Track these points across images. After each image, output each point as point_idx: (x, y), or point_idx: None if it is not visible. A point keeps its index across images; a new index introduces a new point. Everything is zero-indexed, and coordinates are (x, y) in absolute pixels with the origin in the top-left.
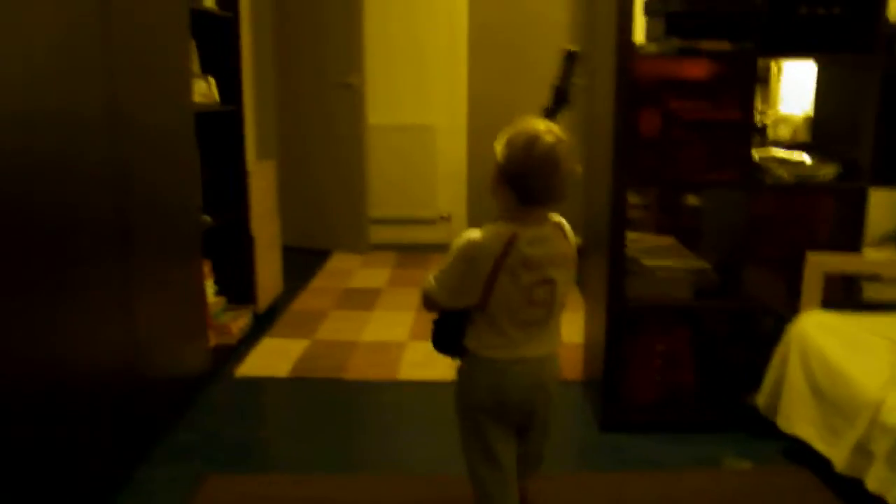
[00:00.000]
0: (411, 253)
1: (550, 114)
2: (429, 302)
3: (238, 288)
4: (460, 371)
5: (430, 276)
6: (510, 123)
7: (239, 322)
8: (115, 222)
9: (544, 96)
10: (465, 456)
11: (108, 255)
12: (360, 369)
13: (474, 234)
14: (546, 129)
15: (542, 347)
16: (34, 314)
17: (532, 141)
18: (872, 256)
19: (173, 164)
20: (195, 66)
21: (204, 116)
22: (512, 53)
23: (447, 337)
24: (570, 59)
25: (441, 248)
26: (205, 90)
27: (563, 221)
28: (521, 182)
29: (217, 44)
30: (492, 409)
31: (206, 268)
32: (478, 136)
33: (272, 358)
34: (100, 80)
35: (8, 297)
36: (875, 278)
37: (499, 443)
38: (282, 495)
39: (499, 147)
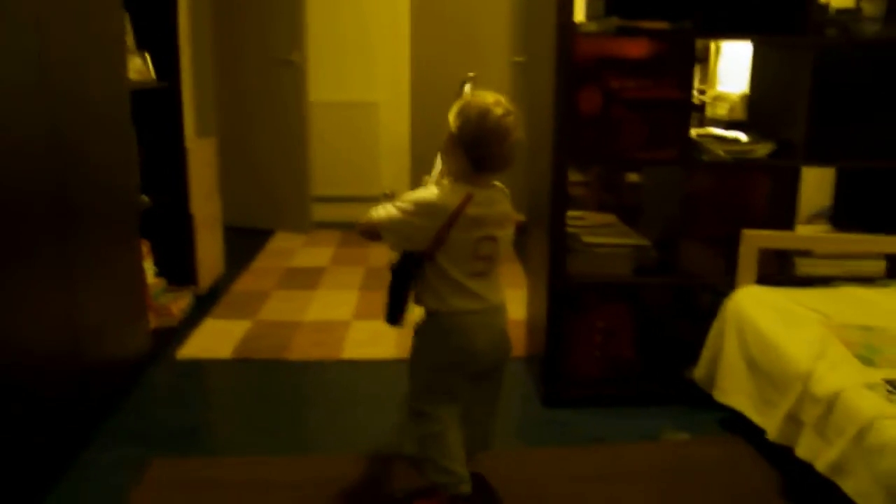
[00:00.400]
0: (354, 231)
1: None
2: (369, 233)
3: (178, 269)
4: (421, 332)
5: (377, 211)
6: (453, 98)
7: (179, 303)
8: (52, 202)
9: (487, 71)
10: (417, 402)
11: (45, 235)
12: (303, 349)
13: (432, 190)
14: (495, 102)
15: (496, 297)
16: None
17: (484, 113)
18: (805, 232)
19: (109, 143)
20: (130, 41)
21: (140, 94)
22: (454, 28)
23: (399, 292)
24: (464, 83)
25: None
26: (140, 67)
27: (503, 186)
28: (475, 151)
29: (153, 18)
30: (460, 361)
31: (145, 248)
32: (421, 111)
33: (214, 339)
34: (32, 55)
35: None
36: (807, 254)
37: (457, 383)
38: (228, 478)
39: (452, 117)
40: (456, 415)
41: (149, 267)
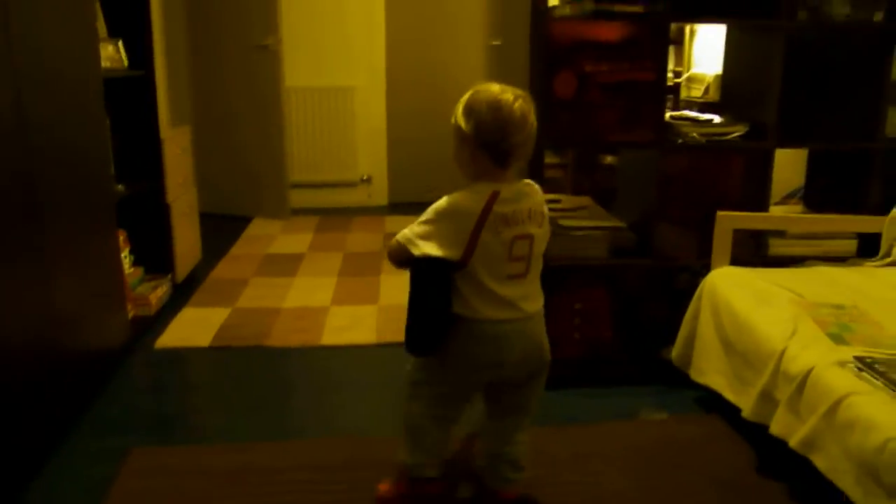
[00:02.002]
0: (333, 216)
1: None
2: (399, 256)
3: (155, 258)
4: (453, 338)
5: (403, 233)
6: (428, 81)
7: (157, 292)
8: (24, 194)
9: (463, 54)
10: (418, 399)
11: (18, 227)
12: (283, 336)
13: (455, 195)
14: (502, 90)
15: (531, 304)
16: None
17: (496, 105)
18: (778, 213)
19: (83, 133)
20: (102, 28)
21: (113, 82)
22: (430, 11)
23: (433, 315)
24: None
25: (363, 210)
26: (113, 54)
27: (531, 181)
28: (496, 147)
29: (125, 4)
30: (484, 371)
31: (122, 238)
32: (397, 95)
33: (192, 328)
34: (1, 40)
35: None
36: (781, 234)
37: (471, 393)
38: (209, 465)
39: (460, 119)
40: (455, 424)
41: (126, 256)
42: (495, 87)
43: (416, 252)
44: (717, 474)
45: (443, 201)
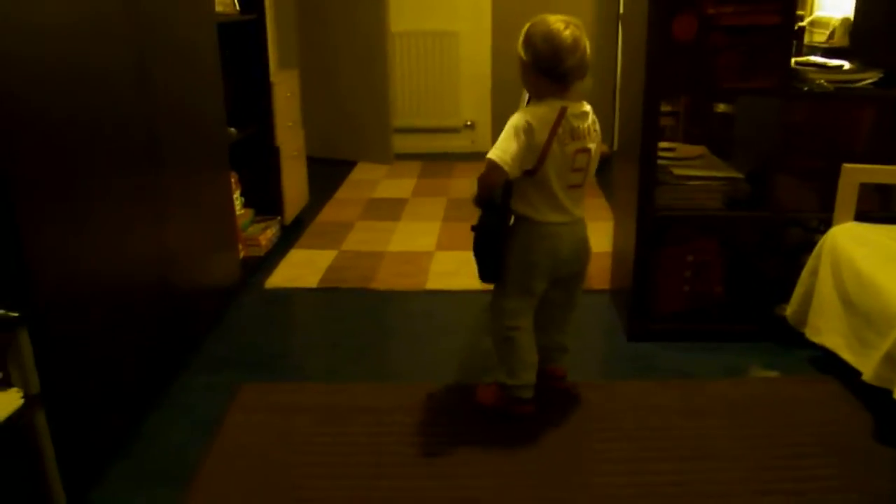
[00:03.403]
0: (436, 162)
1: None
2: (494, 173)
3: (265, 200)
4: (515, 234)
5: (492, 151)
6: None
7: (267, 233)
8: (143, 134)
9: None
10: (502, 300)
11: (137, 167)
12: (387, 279)
13: (528, 109)
14: (556, 19)
15: (581, 210)
16: (69, 225)
17: (549, 34)
18: None
19: (197, 76)
20: None
21: (225, 27)
22: None
23: (490, 243)
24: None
25: (466, 156)
26: None
27: (587, 104)
28: (554, 70)
29: None
30: (546, 264)
31: (234, 180)
32: (502, 41)
33: (300, 269)
34: None
35: (42, 207)
36: None
37: (541, 286)
38: (314, 402)
39: (520, 49)
40: (531, 320)
41: (237, 198)
42: (551, 18)
43: (507, 167)
44: (831, 436)
45: (518, 117)
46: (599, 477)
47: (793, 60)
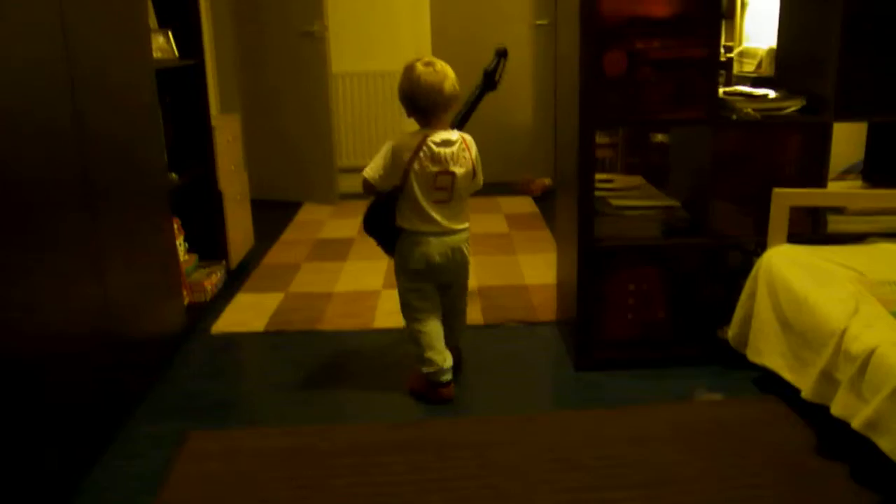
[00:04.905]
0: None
1: (477, 96)
2: (367, 186)
3: (209, 244)
4: (399, 246)
5: (366, 169)
6: (475, 63)
7: (212, 278)
8: (80, 181)
9: (509, 35)
10: (402, 300)
11: (74, 214)
12: (334, 320)
13: (398, 137)
14: (422, 63)
15: (453, 223)
16: (2, 276)
17: (412, 75)
18: (836, 189)
19: (136, 123)
20: (152, 20)
21: (164, 72)
22: None
23: (374, 221)
24: (501, 54)
25: None
26: (163, 45)
27: (469, 138)
28: (413, 103)
29: None
30: (422, 269)
31: (176, 225)
32: None
33: (247, 313)
34: (58, 38)
35: None
36: (839, 210)
37: (427, 287)
38: (267, 446)
39: (397, 87)
40: (432, 312)
41: (180, 243)
42: (419, 62)
43: (375, 183)
44: (776, 455)
45: (388, 143)
46: None
47: (721, 90)
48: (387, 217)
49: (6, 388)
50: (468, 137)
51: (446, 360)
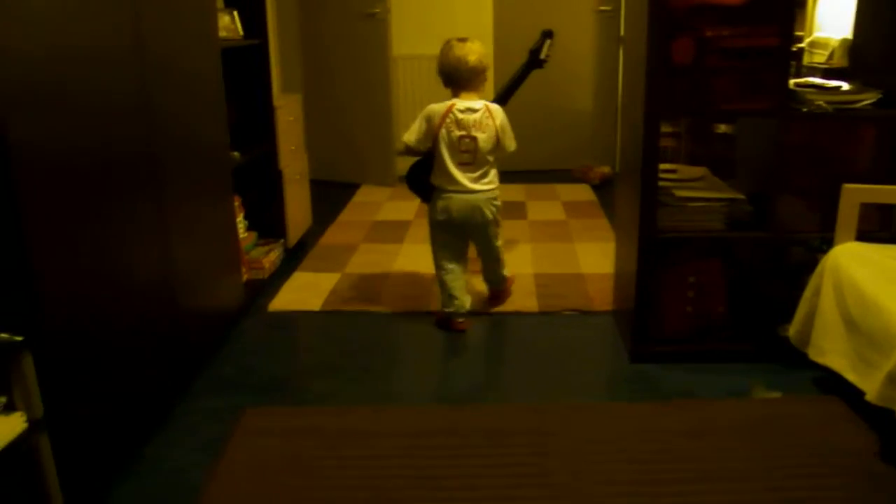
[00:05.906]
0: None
1: (522, 73)
2: (406, 147)
3: (268, 223)
4: (432, 199)
5: (405, 133)
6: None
7: (270, 256)
8: (146, 159)
9: (571, 21)
10: (432, 251)
11: (141, 191)
12: (391, 302)
13: (431, 106)
14: (457, 41)
15: (475, 184)
16: (74, 249)
17: (447, 51)
18: None
19: (201, 101)
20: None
21: (228, 51)
22: None
23: (415, 180)
24: (546, 35)
25: None
26: (229, 24)
27: (494, 106)
28: (444, 74)
29: None
30: (443, 221)
31: (237, 203)
32: (504, 63)
33: (304, 292)
34: (127, 17)
35: (50, 232)
36: None
37: (451, 239)
38: (319, 426)
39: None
40: (453, 263)
41: (240, 221)
42: (455, 40)
43: (411, 144)
44: (835, 456)
45: (424, 111)
46: (602, 499)
47: (791, 82)
48: (425, 174)
49: (76, 358)
50: (493, 106)
51: (463, 304)
